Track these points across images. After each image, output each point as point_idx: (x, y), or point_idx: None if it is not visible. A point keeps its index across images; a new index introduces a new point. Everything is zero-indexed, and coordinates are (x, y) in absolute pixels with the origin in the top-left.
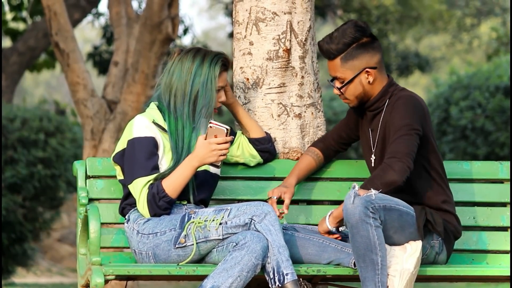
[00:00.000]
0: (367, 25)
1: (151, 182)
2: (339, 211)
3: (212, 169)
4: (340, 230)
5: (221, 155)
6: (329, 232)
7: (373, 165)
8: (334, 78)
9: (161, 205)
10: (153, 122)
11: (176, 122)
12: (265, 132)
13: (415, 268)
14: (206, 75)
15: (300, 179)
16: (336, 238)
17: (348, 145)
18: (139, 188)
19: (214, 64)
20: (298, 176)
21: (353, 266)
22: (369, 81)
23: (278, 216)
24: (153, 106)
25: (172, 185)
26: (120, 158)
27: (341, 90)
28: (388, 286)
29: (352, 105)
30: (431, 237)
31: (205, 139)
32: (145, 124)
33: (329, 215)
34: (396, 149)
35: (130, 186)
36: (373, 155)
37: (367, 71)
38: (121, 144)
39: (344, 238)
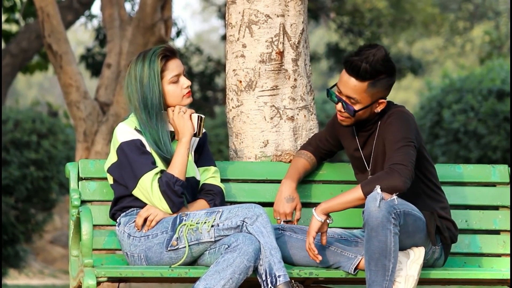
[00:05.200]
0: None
1: (158, 174)
2: (330, 204)
3: (198, 176)
4: (328, 222)
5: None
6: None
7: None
8: (343, 101)
9: (177, 190)
10: (135, 129)
11: (151, 133)
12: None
13: (418, 274)
14: (148, 75)
15: (299, 181)
16: (289, 222)
17: (330, 155)
18: (149, 183)
19: (154, 61)
20: (298, 179)
21: (353, 272)
22: (377, 110)
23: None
24: (133, 115)
25: (178, 168)
26: (115, 169)
27: (355, 114)
28: None
29: (346, 125)
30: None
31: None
32: (128, 130)
33: (315, 210)
34: (401, 158)
35: (136, 190)
36: (369, 174)
37: (380, 102)
38: (113, 155)
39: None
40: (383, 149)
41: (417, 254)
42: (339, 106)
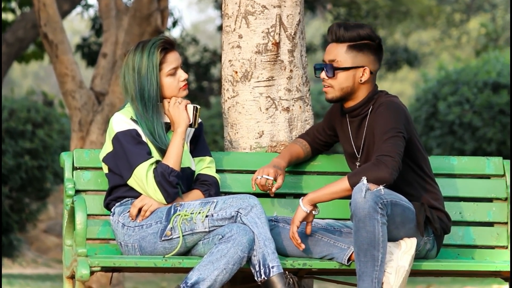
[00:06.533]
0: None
1: (153, 165)
2: (317, 195)
3: (193, 166)
4: (314, 213)
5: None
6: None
7: None
8: (324, 65)
9: (172, 180)
10: (131, 118)
11: (147, 124)
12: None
13: (410, 265)
14: (146, 66)
15: (289, 165)
16: (268, 182)
17: (327, 147)
18: (144, 174)
19: (153, 52)
20: (289, 160)
21: (346, 263)
22: (361, 80)
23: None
24: (129, 104)
25: (173, 158)
26: (111, 158)
27: (334, 72)
28: (383, 283)
29: (331, 97)
30: (426, 233)
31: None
32: (124, 120)
33: (302, 200)
34: (388, 149)
35: (131, 180)
36: (357, 162)
37: (364, 69)
38: (109, 145)
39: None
40: (373, 139)
41: (409, 245)
42: (322, 74)
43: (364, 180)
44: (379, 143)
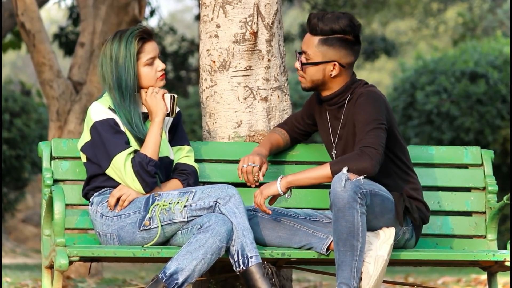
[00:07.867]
0: (360, 27)
1: (131, 154)
2: (296, 178)
3: (172, 155)
4: (286, 196)
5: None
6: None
7: (334, 159)
8: (302, 52)
9: (150, 170)
10: (109, 108)
11: (125, 114)
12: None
13: (388, 255)
14: (124, 56)
15: (270, 153)
16: (253, 170)
17: (306, 136)
18: (122, 163)
19: (130, 42)
20: (270, 149)
21: (325, 252)
22: (331, 74)
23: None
24: (107, 94)
25: (151, 148)
26: (89, 148)
27: (303, 67)
28: (362, 272)
29: (304, 86)
30: (404, 223)
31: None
32: (102, 109)
33: (281, 178)
34: (371, 141)
35: (110, 169)
36: (334, 150)
37: (334, 64)
38: (87, 134)
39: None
40: (352, 128)
41: (387, 235)
42: (296, 63)
43: (344, 169)
44: (362, 134)
